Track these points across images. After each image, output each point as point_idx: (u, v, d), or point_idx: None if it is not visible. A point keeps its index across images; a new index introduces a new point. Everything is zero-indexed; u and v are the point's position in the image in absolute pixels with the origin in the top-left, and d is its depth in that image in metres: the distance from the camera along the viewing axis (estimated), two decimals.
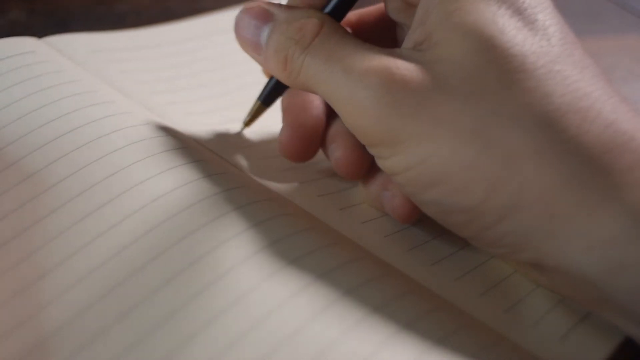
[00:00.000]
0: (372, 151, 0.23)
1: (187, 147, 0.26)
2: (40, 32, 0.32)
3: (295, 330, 0.19)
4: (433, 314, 0.21)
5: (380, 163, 0.23)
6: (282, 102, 0.28)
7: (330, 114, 0.27)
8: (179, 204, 0.22)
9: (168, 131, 0.27)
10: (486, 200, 0.20)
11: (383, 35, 0.27)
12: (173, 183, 0.23)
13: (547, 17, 0.21)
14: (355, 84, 0.21)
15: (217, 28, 0.38)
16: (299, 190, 0.27)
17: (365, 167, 0.26)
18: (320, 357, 0.18)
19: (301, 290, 0.20)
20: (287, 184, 0.27)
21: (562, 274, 0.20)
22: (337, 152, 0.26)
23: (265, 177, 0.27)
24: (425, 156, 0.21)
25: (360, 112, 0.21)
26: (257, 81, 0.34)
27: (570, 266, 0.20)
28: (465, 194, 0.21)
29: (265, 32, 0.24)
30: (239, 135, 0.30)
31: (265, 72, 0.29)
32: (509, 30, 0.21)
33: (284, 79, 0.24)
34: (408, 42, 0.22)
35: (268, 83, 0.28)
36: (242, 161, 0.28)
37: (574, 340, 0.22)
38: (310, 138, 0.27)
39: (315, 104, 0.27)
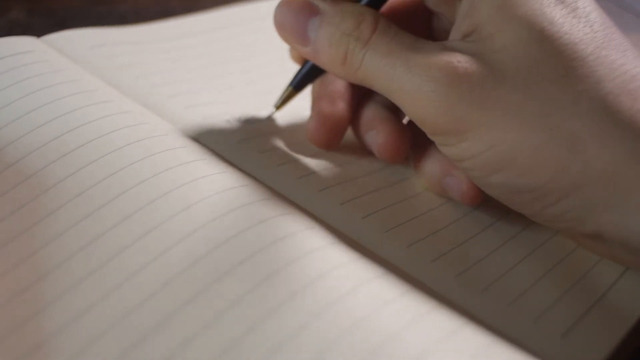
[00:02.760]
0: (437, 139, 0.24)
1: (186, 146, 0.26)
2: (39, 32, 0.32)
3: (294, 331, 0.19)
4: (433, 313, 0.21)
5: (445, 150, 0.24)
6: (313, 92, 0.30)
7: (357, 103, 0.29)
8: (178, 204, 0.22)
9: (167, 130, 0.27)
10: (552, 181, 0.22)
11: (416, 23, 0.28)
12: (172, 183, 0.23)
13: (585, 3, 0.23)
14: (419, 78, 0.23)
15: (217, 25, 0.38)
16: (298, 186, 0.27)
17: (406, 149, 0.28)
18: (321, 356, 0.18)
19: (301, 291, 0.20)
20: (285, 181, 0.27)
21: (621, 243, 0.22)
22: (380, 138, 0.28)
23: (263, 174, 0.27)
24: (493, 143, 0.22)
25: (427, 105, 0.23)
26: (259, 76, 0.34)
27: (629, 235, 0.22)
28: (532, 176, 0.22)
29: (313, 25, 0.25)
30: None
31: (297, 58, 0.30)
32: (557, 19, 0.22)
33: (339, 73, 0.25)
34: (455, 34, 0.24)
35: (300, 70, 0.29)
36: (241, 159, 0.28)
37: (575, 338, 0.22)
38: (335, 127, 0.29)
39: (342, 95, 0.29)
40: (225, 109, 0.31)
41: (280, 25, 0.26)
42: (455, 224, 0.26)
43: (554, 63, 0.22)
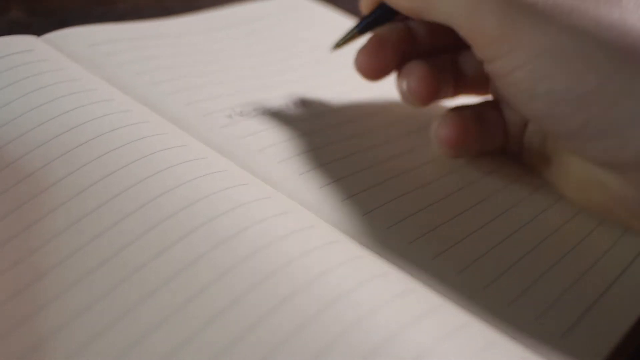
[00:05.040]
0: (487, 53, 0.25)
1: (187, 145, 0.26)
2: (39, 31, 0.32)
3: (295, 330, 0.19)
4: (434, 312, 0.21)
5: (493, 67, 0.26)
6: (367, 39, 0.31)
7: (406, 57, 0.31)
8: (178, 203, 0.22)
9: (167, 129, 0.27)
10: (600, 87, 0.23)
11: None
12: (172, 182, 0.23)
13: None
14: None
15: (217, 25, 0.38)
16: (298, 183, 0.27)
17: (434, 94, 0.30)
18: (321, 355, 0.18)
19: (301, 290, 0.20)
20: (285, 178, 0.27)
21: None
22: (412, 82, 0.30)
23: (264, 171, 0.27)
24: (546, 46, 0.23)
25: (482, 14, 0.24)
26: (259, 74, 0.34)
27: None
28: (580, 80, 0.23)
29: None
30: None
31: (366, 6, 0.32)
32: None
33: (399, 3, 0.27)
34: None
35: (368, 16, 0.31)
36: (242, 157, 0.28)
37: (575, 337, 0.22)
38: (384, 60, 0.30)
39: (395, 44, 0.30)
40: (226, 105, 0.31)
41: None
42: (456, 220, 0.26)
43: None
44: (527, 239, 0.26)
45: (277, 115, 0.31)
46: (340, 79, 0.35)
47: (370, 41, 0.30)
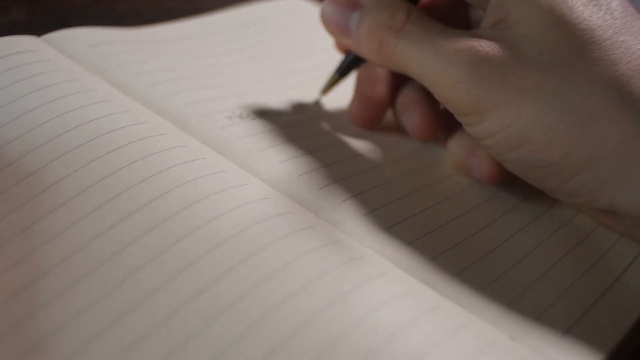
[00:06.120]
0: (462, 119, 0.26)
1: (187, 145, 0.26)
2: (40, 31, 0.32)
3: (295, 331, 0.19)
4: (433, 312, 0.21)
5: (469, 130, 0.26)
6: (357, 77, 0.32)
7: (396, 87, 0.31)
8: (178, 203, 0.22)
9: (167, 129, 0.27)
10: (566, 157, 0.23)
11: (454, 15, 0.30)
12: (172, 182, 0.23)
13: None
14: (446, 63, 0.24)
15: (215, 28, 0.38)
16: (299, 183, 0.27)
17: (437, 130, 0.30)
18: (321, 356, 0.19)
19: (300, 290, 0.20)
20: (285, 178, 0.27)
21: (634, 218, 0.24)
22: (414, 119, 0.30)
23: (264, 171, 0.27)
24: (511, 121, 0.24)
25: (452, 87, 0.24)
26: (257, 77, 0.34)
27: None
28: (547, 152, 0.23)
29: (354, 19, 0.27)
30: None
31: (340, 48, 0.32)
32: (577, 7, 0.24)
33: (376, 60, 0.27)
34: (486, 23, 0.25)
35: (345, 58, 0.31)
36: (242, 157, 0.28)
37: (577, 335, 0.22)
38: (376, 108, 0.31)
39: (383, 79, 0.31)
40: (225, 106, 0.31)
41: (326, 20, 0.29)
42: (456, 221, 0.26)
43: (572, 47, 0.23)
44: (526, 240, 0.26)
45: (277, 118, 0.31)
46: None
47: (356, 95, 0.31)
